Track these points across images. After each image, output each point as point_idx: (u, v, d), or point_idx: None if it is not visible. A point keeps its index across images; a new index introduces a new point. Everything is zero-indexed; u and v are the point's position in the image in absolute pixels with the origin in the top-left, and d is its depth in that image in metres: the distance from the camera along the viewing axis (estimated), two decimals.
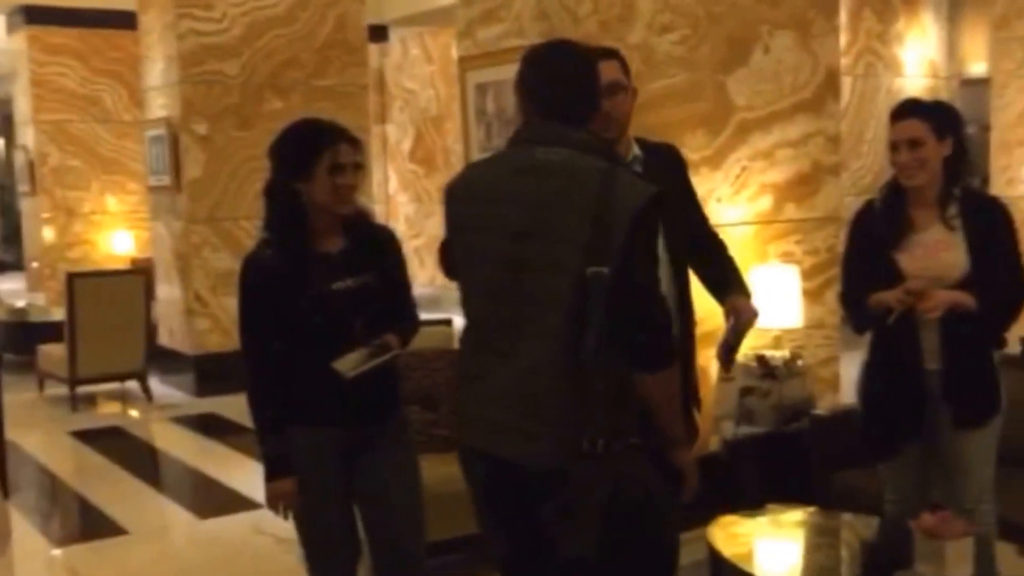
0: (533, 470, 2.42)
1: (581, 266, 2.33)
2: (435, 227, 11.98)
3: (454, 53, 5.20)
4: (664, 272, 3.15)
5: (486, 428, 2.52)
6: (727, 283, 3.29)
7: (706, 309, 3.35)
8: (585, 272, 2.33)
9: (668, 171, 3.28)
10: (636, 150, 3.21)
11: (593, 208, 2.35)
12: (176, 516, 5.70)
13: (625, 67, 3.16)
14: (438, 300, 9.67)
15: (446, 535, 3.85)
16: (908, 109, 3.39)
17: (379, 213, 11.36)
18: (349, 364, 2.92)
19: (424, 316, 3.44)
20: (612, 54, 3.16)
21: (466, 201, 2.57)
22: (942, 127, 3.33)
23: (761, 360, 4.64)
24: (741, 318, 3.20)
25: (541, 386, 2.40)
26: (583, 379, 2.34)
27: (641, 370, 2.45)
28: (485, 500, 2.61)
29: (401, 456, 3.16)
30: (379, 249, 3.10)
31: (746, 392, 4.62)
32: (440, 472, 3.76)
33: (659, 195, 2.42)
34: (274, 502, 3.05)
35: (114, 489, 6.08)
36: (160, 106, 8.66)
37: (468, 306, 2.59)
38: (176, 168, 8.39)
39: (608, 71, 3.07)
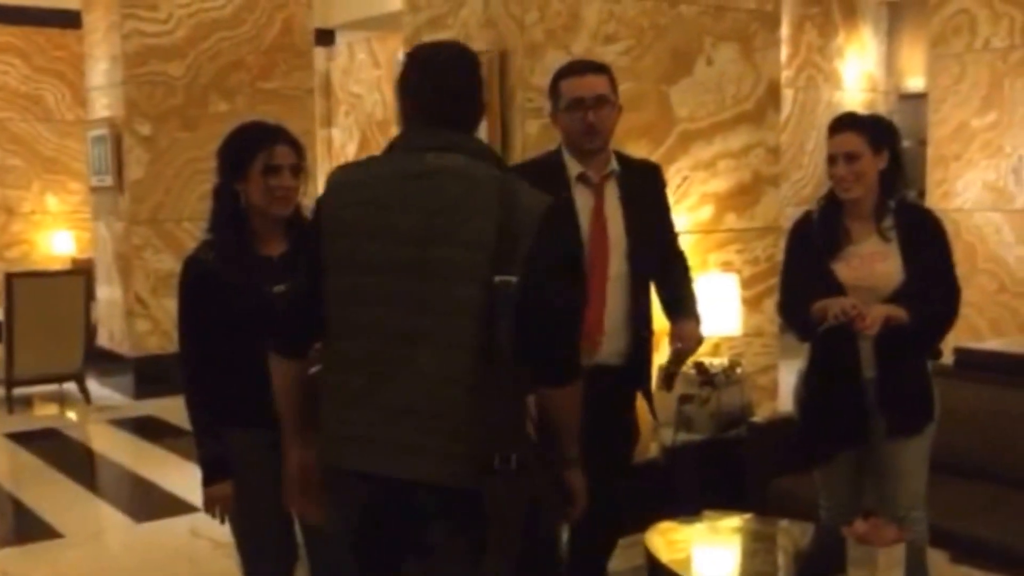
0: (434, 490, 2.29)
1: (489, 274, 2.26)
2: None
3: (401, 58, 5.21)
4: (620, 285, 3.24)
5: (380, 448, 2.35)
6: (678, 306, 3.39)
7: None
8: (493, 280, 2.26)
9: (644, 188, 3.38)
10: (614, 164, 3.30)
11: (498, 215, 2.29)
12: (112, 519, 5.63)
13: (613, 83, 3.28)
14: None
15: None
16: (845, 123, 3.45)
17: None
18: None
19: None
20: (602, 69, 3.30)
21: (353, 205, 2.41)
22: (878, 141, 3.40)
23: (700, 368, 4.69)
24: (685, 346, 3.30)
25: (451, 399, 2.29)
26: (494, 391, 2.26)
27: (545, 385, 2.38)
28: (366, 526, 2.43)
29: None
30: None
31: (685, 399, 4.66)
32: None
33: (555, 204, 2.37)
34: (211, 505, 3.03)
35: (49, 492, 6.00)
36: (103, 106, 8.57)
37: (344, 316, 2.41)
38: (119, 169, 8.30)
39: (596, 85, 3.22)
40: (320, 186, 2.71)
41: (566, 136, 3.29)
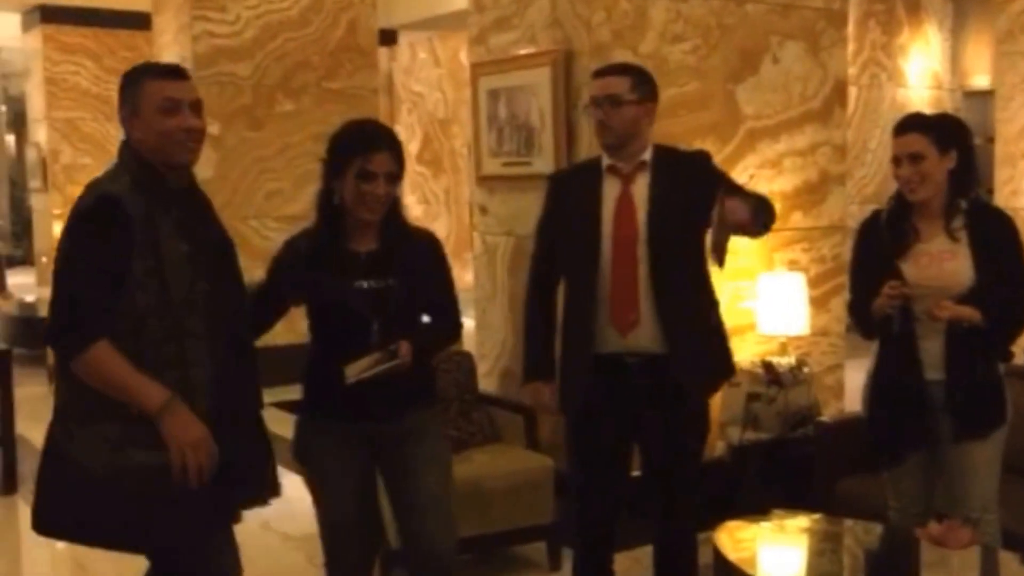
0: None
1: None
2: (442, 229, 12.01)
3: (462, 57, 5.26)
4: (647, 270, 3.33)
5: None
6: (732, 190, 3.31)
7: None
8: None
9: (684, 177, 3.43)
10: (647, 155, 3.41)
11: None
12: None
13: (635, 82, 3.40)
14: None
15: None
16: (910, 124, 3.43)
17: None
18: (354, 369, 2.96)
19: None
20: (624, 70, 3.47)
21: None
22: (945, 141, 3.36)
23: (767, 367, 4.69)
24: (724, 213, 3.10)
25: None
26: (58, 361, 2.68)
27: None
28: None
29: (432, 451, 3.20)
30: (412, 254, 3.14)
31: (752, 398, 4.67)
32: None
33: (93, 206, 2.77)
34: None
35: None
36: None
37: None
38: None
39: (610, 85, 3.40)
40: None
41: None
